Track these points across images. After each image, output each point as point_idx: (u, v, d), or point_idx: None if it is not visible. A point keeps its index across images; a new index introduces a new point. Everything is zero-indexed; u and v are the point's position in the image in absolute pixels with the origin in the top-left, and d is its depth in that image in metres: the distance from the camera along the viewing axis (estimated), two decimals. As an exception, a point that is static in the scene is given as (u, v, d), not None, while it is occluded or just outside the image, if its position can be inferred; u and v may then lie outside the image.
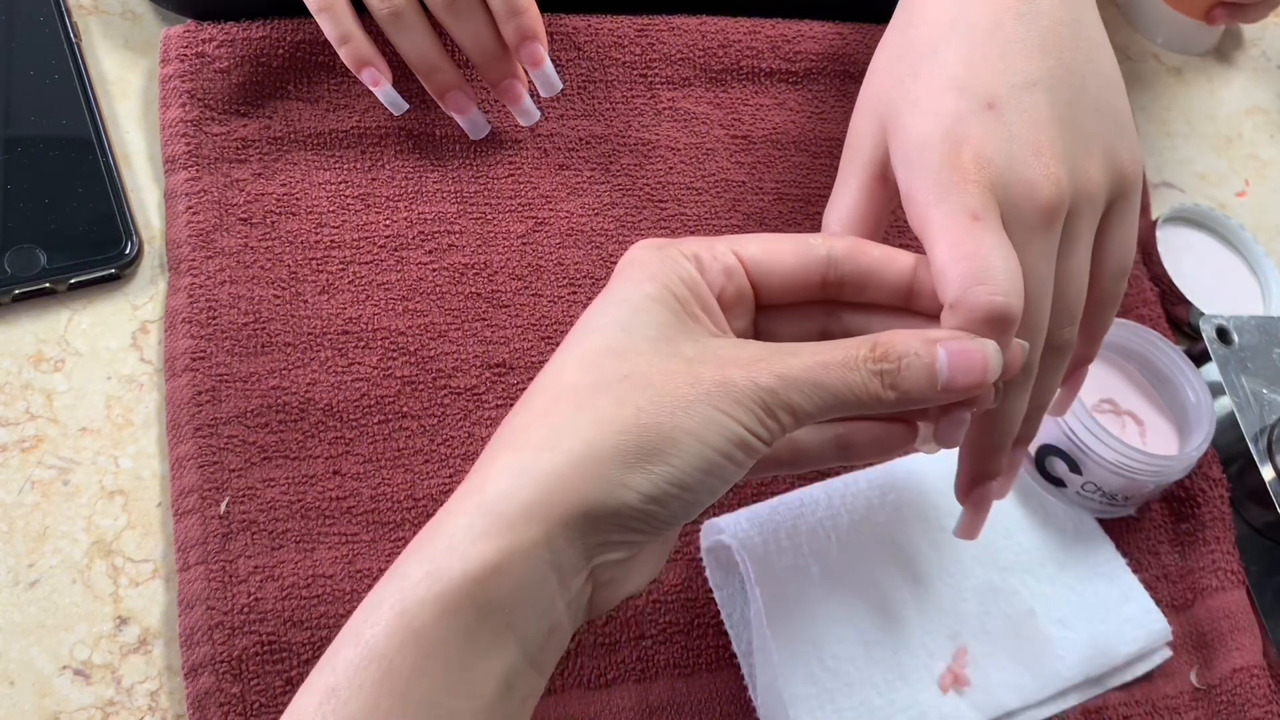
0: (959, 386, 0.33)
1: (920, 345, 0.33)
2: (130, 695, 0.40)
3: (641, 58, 0.56)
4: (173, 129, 0.49)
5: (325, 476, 0.44)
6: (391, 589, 0.30)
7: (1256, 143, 0.67)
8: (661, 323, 0.33)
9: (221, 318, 0.46)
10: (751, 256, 0.35)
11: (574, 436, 0.31)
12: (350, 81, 0.52)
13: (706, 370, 0.32)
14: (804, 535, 0.44)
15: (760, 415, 0.31)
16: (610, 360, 0.32)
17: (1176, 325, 0.58)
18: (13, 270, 0.46)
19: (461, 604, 0.29)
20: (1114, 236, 0.38)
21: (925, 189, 0.35)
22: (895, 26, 0.41)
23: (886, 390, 0.33)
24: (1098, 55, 0.39)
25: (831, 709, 0.42)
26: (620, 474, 0.30)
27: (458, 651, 0.29)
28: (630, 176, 0.54)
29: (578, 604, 0.32)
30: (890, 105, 0.38)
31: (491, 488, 0.31)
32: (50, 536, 0.42)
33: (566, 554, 0.30)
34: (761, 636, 0.43)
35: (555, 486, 0.30)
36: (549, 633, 0.31)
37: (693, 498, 0.31)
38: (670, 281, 0.34)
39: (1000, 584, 0.46)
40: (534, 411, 0.32)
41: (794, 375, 0.32)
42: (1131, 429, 0.51)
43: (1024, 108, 0.36)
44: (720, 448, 0.31)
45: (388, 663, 0.29)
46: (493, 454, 0.32)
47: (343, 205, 0.50)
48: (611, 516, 0.31)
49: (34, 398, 0.45)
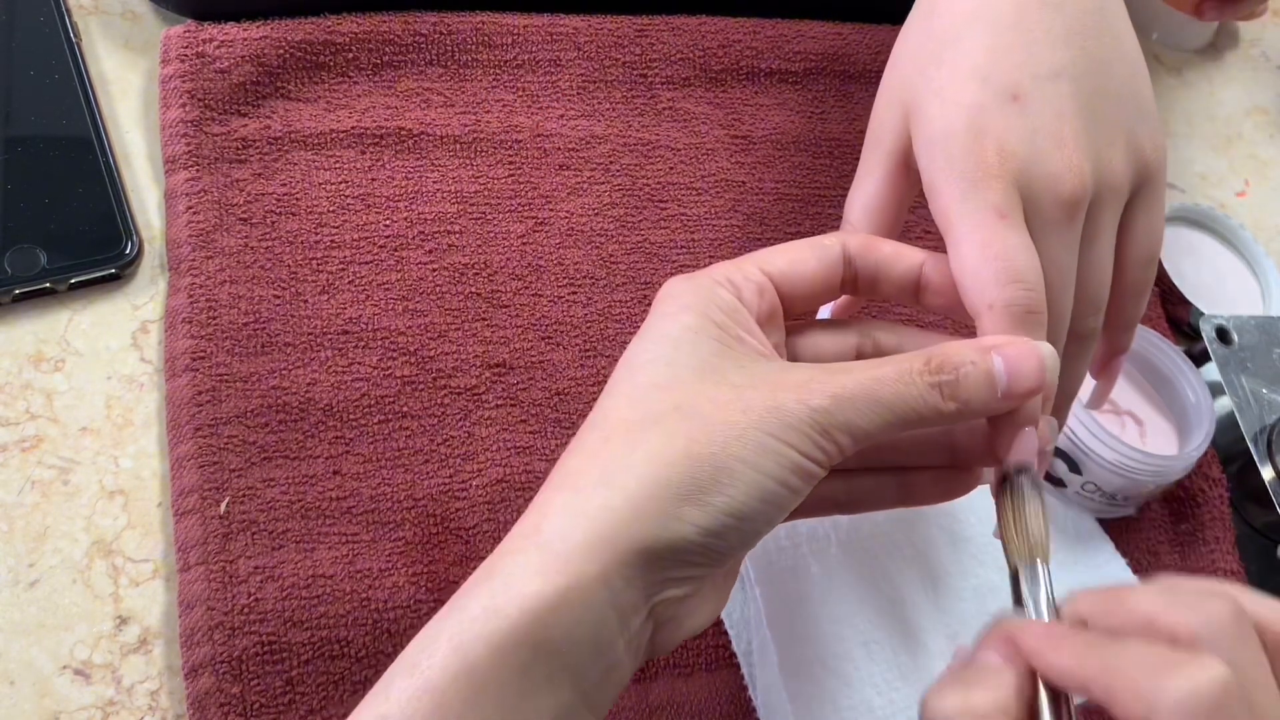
0: (1019, 391, 0.33)
1: (975, 353, 0.32)
2: (130, 695, 0.40)
3: (641, 58, 0.56)
4: (173, 129, 0.49)
5: (325, 476, 0.44)
6: (450, 623, 0.30)
7: (1256, 143, 0.67)
8: (704, 353, 0.32)
9: (221, 318, 0.46)
10: (779, 270, 0.35)
11: (627, 473, 0.30)
12: (350, 81, 0.52)
13: (756, 396, 0.31)
14: (804, 535, 0.44)
15: (815, 438, 0.31)
16: (657, 394, 0.32)
17: (1176, 325, 0.58)
18: (13, 270, 0.46)
19: (517, 641, 0.29)
20: (1139, 224, 0.38)
21: (949, 182, 0.35)
22: (917, 15, 0.40)
23: (946, 402, 0.32)
24: (1122, 43, 0.39)
25: (831, 709, 0.42)
26: (675, 508, 0.30)
27: (512, 689, 0.29)
28: (630, 176, 0.54)
29: (638, 643, 0.31)
30: (913, 94, 0.38)
31: (548, 527, 0.30)
32: (50, 536, 0.42)
33: (625, 593, 0.30)
34: (761, 637, 0.43)
35: (611, 524, 0.30)
36: (606, 672, 0.30)
37: (751, 528, 0.31)
38: (708, 310, 0.33)
39: (1000, 584, 0.46)
40: (586, 451, 0.32)
41: (848, 394, 0.31)
42: (1131, 429, 0.51)
43: (1048, 99, 0.36)
44: (776, 475, 0.30)
45: (441, 696, 0.28)
46: (547, 496, 0.32)
47: (343, 205, 0.50)
48: (669, 552, 0.30)
49: (34, 398, 0.45)
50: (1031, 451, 0.34)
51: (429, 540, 0.44)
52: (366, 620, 0.42)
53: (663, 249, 0.52)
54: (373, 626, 0.42)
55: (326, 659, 0.41)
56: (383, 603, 0.42)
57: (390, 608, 0.42)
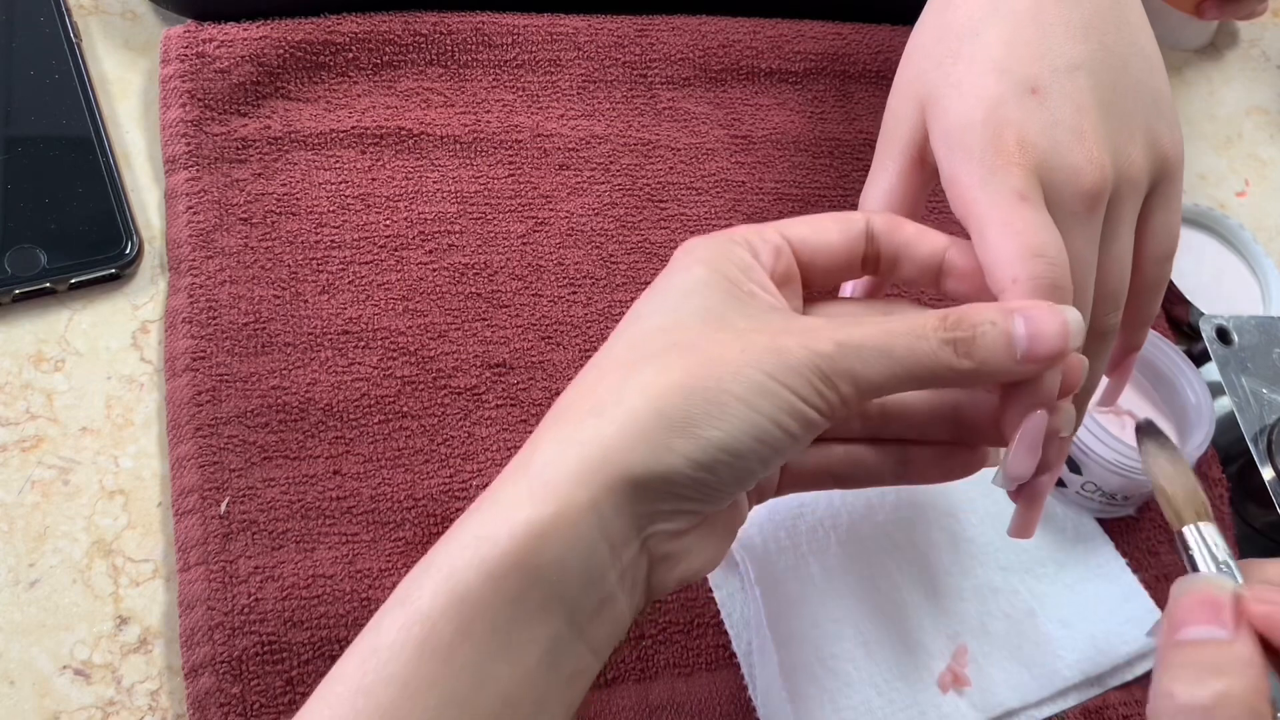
0: (1040, 354, 0.32)
1: (995, 314, 0.32)
2: (130, 695, 0.40)
3: (641, 58, 0.56)
4: (173, 129, 0.49)
5: (325, 476, 0.44)
6: (440, 554, 0.30)
7: (1256, 143, 0.67)
8: (711, 301, 0.32)
9: (222, 318, 0.46)
10: (799, 236, 0.35)
11: (618, 404, 0.30)
12: (350, 81, 0.52)
13: (759, 338, 0.31)
14: (804, 534, 0.44)
15: (816, 384, 0.30)
16: (658, 335, 0.32)
17: (1176, 325, 0.58)
18: (13, 270, 0.46)
19: (507, 568, 0.29)
20: (1156, 220, 0.38)
21: (969, 171, 0.35)
22: (932, 9, 0.40)
23: (960, 359, 0.31)
24: (1139, 37, 0.39)
25: (831, 709, 0.42)
26: (666, 439, 0.30)
27: (503, 617, 0.29)
28: (630, 176, 0.54)
29: (633, 578, 0.31)
30: (930, 87, 0.38)
31: (539, 458, 0.30)
32: (50, 536, 0.42)
33: (615, 521, 0.30)
34: (761, 636, 0.43)
35: (600, 452, 0.30)
36: (600, 604, 0.30)
37: (743, 465, 0.30)
38: (721, 264, 0.33)
39: (1000, 584, 0.46)
40: (581, 387, 0.32)
41: (855, 342, 0.31)
42: (1131, 429, 0.51)
43: (1066, 92, 0.36)
44: (771, 415, 0.30)
45: (431, 624, 0.29)
46: (540, 431, 0.32)
47: (343, 205, 0.50)
48: (660, 483, 0.30)
49: (34, 397, 0.45)
50: (1039, 439, 0.34)
51: (429, 540, 0.44)
52: (366, 620, 0.41)
53: (663, 249, 0.52)
54: (373, 626, 0.42)
55: (326, 659, 0.41)
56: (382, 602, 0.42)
57: (390, 608, 0.42)
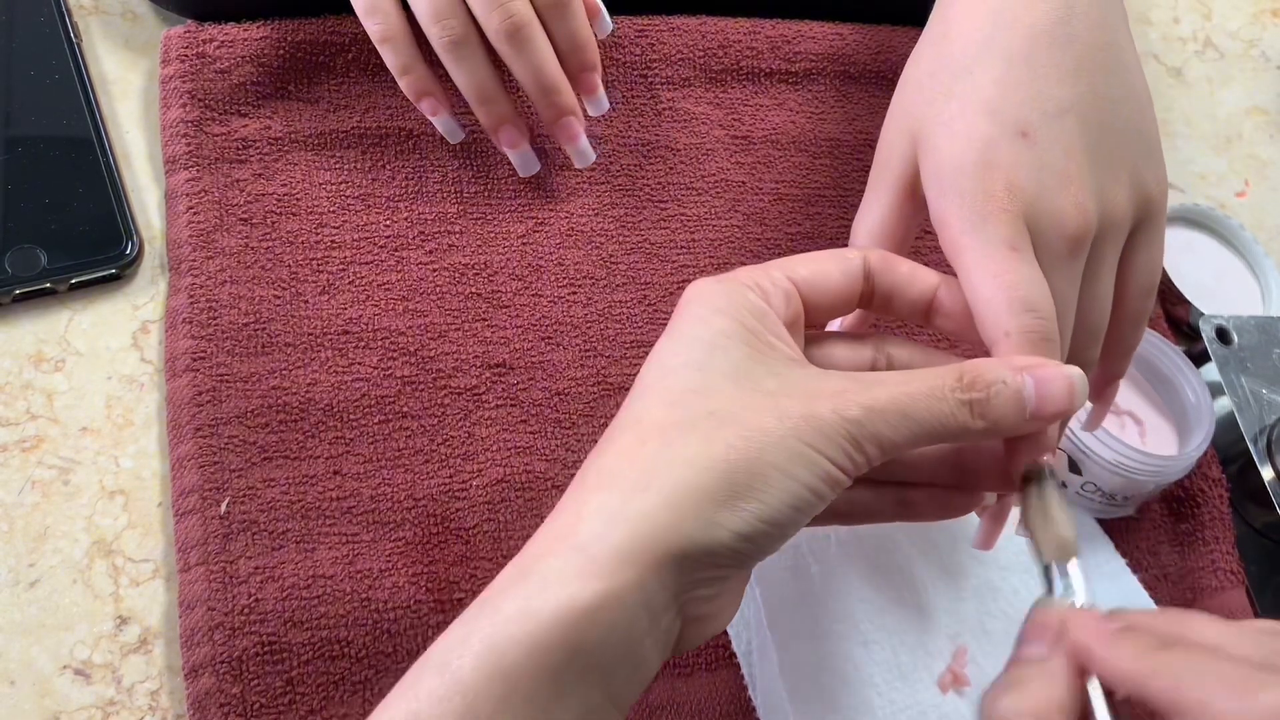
0: (1047, 413, 0.33)
1: (1007, 373, 0.33)
2: (130, 695, 0.40)
3: (641, 58, 0.56)
4: (173, 129, 0.49)
5: (325, 476, 0.44)
6: (483, 622, 0.30)
7: (1256, 143, 0.67)
8: (737, 357, 0.33)
9: (222, 318, 0.46)
10: (803, 279, 0.36)
11: (664, 476, 0.30)
12: (350, 81, 0.52)
13: (791, 404, 0.31)
14: (804, 535, 0.44)
15: (846, 448, 0.31)
16: (692, 398, 0.32)
17: (1176, 325, 0.58)
18: (13, 270, 0.46)
19: (553, 644, 0.29)
20: (1140, 257, 0.39)
21: (959, 215, 0.36)
22: (928, 39, 0.41)
23: (975, 419, 0.32)
24: (1130, 79, 0.39)
25: (831, 709, 0.42)
26: (712, 513, 0.30)
27: (544, 691, 0.29)
28: (630, 176, 0.54)
29: (665, 641, 0.32)
30: (922, 123, 0.38)
31: (585, 530, 0.30)
32: (50, 536, 0.42)
33: (658, 595, 0.30)
34: (761, 636, 0.43)
35: (649, 528, 0.30)
36: (634, 670, 0.31)
37: (779, 532, 0.31)
38: (740, 314, 0.33)
39: (1000, 584, 0.46)
40: (620, 452, 0.32)
41: (880, 406, 0.32)
42: (1131, 429, 0.51)
43: (1055, 136, 0.36)
44: (808, 482, 0.31)
45: (473, 696, 0.28)
46: (581, 495, 0.32)
47: (343, 205, 0.50)
48: (704, 555, 0.30)
49: (34, 398, 0.45)
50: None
51: (429, 540, 0.44)
52: (366, 620, 0.42)
53: (663, 249, 0.52)
54: (373, 626, 0.42)
55: (326, 659, 0.41)
56: (383, 603, 0.42)
57: (390, 608, 0.42)
